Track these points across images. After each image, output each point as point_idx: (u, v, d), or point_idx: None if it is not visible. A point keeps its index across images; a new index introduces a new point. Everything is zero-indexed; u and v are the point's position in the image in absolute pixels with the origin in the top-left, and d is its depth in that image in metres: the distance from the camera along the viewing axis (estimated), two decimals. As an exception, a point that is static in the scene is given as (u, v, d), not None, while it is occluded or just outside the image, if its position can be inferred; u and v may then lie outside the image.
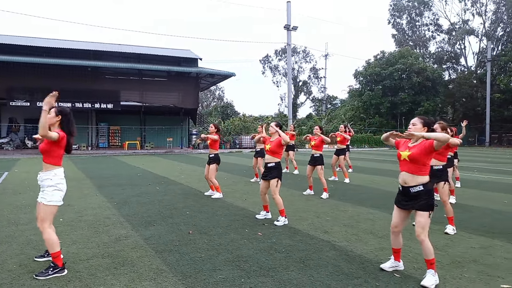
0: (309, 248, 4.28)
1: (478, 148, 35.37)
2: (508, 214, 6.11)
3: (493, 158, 19.99)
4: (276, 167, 5.45)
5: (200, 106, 79.60)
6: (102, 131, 27.46)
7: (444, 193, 5.07)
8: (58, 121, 3.56)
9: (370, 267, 3.71)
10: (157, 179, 10.44)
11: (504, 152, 27.24)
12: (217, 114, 61.34)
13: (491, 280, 3.41)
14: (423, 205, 3.36)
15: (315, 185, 8.14)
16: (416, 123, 3.47)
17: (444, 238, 4.75)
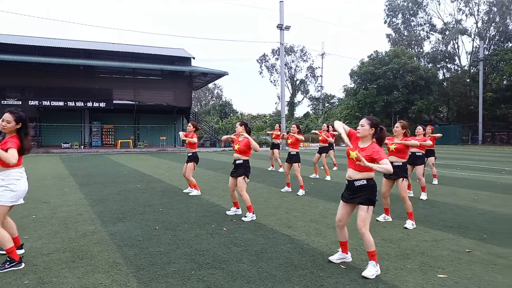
0: (268, 242, 4.43)
1: (471, 146, 35.58)
2: (471, 210, 6.27)
3: (481, 156, 20.18)
4: (244, 164, 5.59)
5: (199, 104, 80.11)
6: (95, 129, 27.55)
7: (403, 189, 5.23)
8: (17, 127, 3.55)
9: (320, 260, 3.86)
10: (141, 177, 10.57)
11: (494, 150, 27.45)
12: (215, 112, 61.55)
13: (430, 271, 3.56)
14: (364, 200, 3.51)
15: (294, 182, 8.29)
16: (364, 124, 3.59)
17: (401, 232, 4.91)
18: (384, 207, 5.54)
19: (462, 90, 41.97)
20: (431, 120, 43.85)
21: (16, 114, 3.56)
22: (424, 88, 39.03)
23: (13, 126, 3.54)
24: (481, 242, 4.50)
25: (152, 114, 27.87)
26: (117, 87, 25.24)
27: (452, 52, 46.10)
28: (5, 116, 3.56)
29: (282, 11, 26.48)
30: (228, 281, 3.31)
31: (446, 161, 16.46)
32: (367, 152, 3.47)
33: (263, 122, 51.05)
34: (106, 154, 20.96)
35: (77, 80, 24.25)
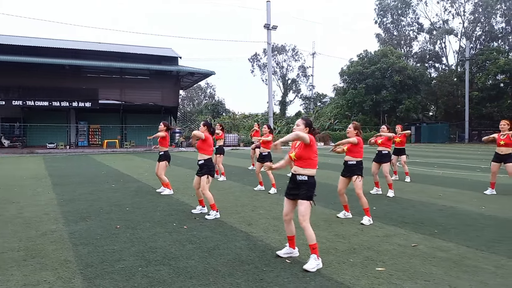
0: (223, 239, 4.54)
1: (457, 144, 36.08)
2: (432, 207, 6.44)
3: (463, 155, 20.50)
4: (206, 164, 5.69)
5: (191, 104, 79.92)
6: (82, 129, 27.42)
7: (357, 186, 5.36)
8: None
9: (269, 255, 3.98)
10: (119, 177, 10.61)
11: (478, 149, 27.87)
12: (208, 112, 61.58)
13: (371, 264, 3.70)
14: (304, 195, 3.65)
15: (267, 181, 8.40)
16: (299, 124, 3.75)
17: (356, 228, 5.05)
18: (343, 204, 5.68)
19: (449, 89, 42.55)
20: (419, 119, 44.41)
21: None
22: (411, 87, 39.48)
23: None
24: (430, 236, 4.66)
25: (140, 114, 27.82)
26: (103, 87, 25.16)
27: (440, 52, 46.68)
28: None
29: (269, 11, 26.60)
30: (172, 276, 3.40)
31: (427, 159, 16.73)
32: (299, 147, 3.66)
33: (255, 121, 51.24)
34: (91, 154, 20.89)
35: (62, 79, 24.13)
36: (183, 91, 79.41)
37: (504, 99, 38.90)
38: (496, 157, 7.56)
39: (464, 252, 4.07)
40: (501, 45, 41.54)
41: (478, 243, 4.39)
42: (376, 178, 7.74)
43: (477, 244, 4.33)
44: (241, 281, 3.30)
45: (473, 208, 6.28)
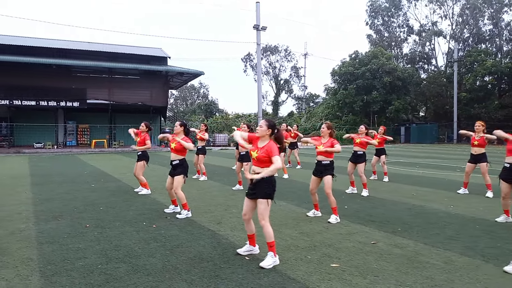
0: (189, 238, 4.61)
1: (445, 145, 36.51)
2: (403, 205, 6.58)
3: (448, 155, 20.79)
4: (181, 164, 5.76)
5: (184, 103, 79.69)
6: (70, 129, 27.26)
7: (328, 185, 5.46)
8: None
9: (230, 253, 4.06)
10: (100, 176, 10.62)
11: (465, 149, 28.25)
12: (201, 112, 61.56)
13: (326, 261, 3.80)
14: (263, 194, 3.74)
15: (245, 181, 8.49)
16: (262, 125, 3.85)
17: (322, 226, 5.16)
18: (314, 203, 5.79)
19: (438, 90, 43.01)
20: (409, 119, 44.86)
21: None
22: (401, 88, 39.84)
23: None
24: (392, 234, 4.78)
25: (129, 113, 27.71)
26: (92, 87, 25.06)
27: (429, 53, 47.17)
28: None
29: (259, 12, 26.69)
30: (129, 274, 3.47)
31: (412, 160, 16.95)
32: (264, 150, 3.72)
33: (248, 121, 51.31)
34: (78, 154, 20.79)
35: (50, 79, 23.97)
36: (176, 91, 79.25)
37: (492, 100, 39.45)
38: (471, 157, 7.73)
39: (420, 249, 4.20)
40: (488, 47, 42.11)
41: (435, 240, 4.52)
42: (352, 178, 7.87)
43: (434, 242, 4.46)
44: (196, 278, 3.38)
45: (441, 207, 6.43)
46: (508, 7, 40.31)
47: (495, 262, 3.76)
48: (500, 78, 40.26)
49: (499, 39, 42.05)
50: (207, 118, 48.69)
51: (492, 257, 3.91)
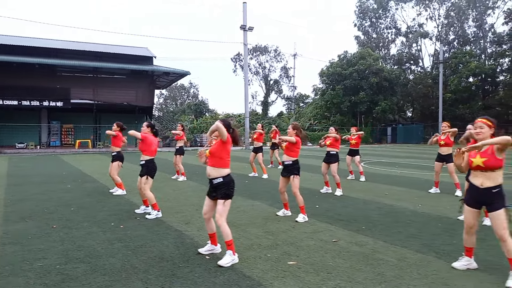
0: (154, 238, 4.65)
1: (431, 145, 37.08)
2: (373, 204, 6.71)
3: (430, 155, 21.11)
4: (147, 164, 5.79)
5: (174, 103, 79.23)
6: (54, 129, 26.93)
7: (294, 185, 5.55)
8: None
9: (192, 252, 4.11)
10: (79, 177, 10.55)
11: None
12: (190, 112, 61.34)
13: (285, 259, 3.88)
14: (221, 194, 3.81)
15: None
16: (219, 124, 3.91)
17: (289, 225, 5.24)
18: (283, 202, 5.87)
19: (425, 91, 43.66)
20: (396, 120, 45.43)
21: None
22: (388, 89, 40.33)
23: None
24: (355, 232, 4.89)
25: (114, 113, 27.42)
26: (76, 86, 24.81)
27: (416, 54, 47.84)
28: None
29: (245, 12, 26.75)
30: (86, 274, 3.50)
31: (393, 160, 17.21)
32: (215, 145, 3.88)
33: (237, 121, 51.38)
34: (61, 155, 20.56)
35: (33, 78, 23.63)
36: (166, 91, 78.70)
37: (476, 101, 40.21)
38: (439, 157, 7.91)
39: (379, 246, 4.31)
40: (473, 49, 42.90)
41: (396, 238, 4.64)
42: (326, 178, 7.98)
43: (394, 239, 4.58)
44: (152, 277, 3.42)
45: (409, 206, 6.58)
46: (492, 10, 41.18)
47: (447, 258, 3.89)
48: (484, 80, 41.11)
49: (483, 41, 42.90)
50: (196, 118, 48.54)
51: (445, 254, 4.04)
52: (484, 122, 3.51)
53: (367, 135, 40.37)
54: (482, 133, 3.48)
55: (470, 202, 3.57)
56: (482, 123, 3.51)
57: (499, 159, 3.35)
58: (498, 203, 3.37)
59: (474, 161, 3.48)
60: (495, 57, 40.67)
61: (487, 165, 3.38)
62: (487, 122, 3.50)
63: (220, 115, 57.97)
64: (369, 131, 40.99)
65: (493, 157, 3.36)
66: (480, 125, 3.50)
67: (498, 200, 3.38)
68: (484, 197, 3.45)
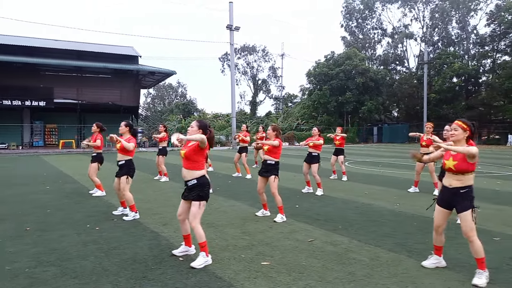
0: (129, 240, 4.60)
1: (415, 144, 37.69)
2: (352, 204, 6.79)
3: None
4: (127, 164, 5.73)
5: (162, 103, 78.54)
6: (37, 129, 26.41)
7: (273, 186, 5.57)
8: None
9: (166, 253, 4.09)
10: (59, 178, 10.38)
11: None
12: (178, 111, 60.90)
13: (259, 259, 3.89)
14: (195, 196, 3.79)
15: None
16: (193, 126, 3.90)
17: (267, 225, 5.26)
18: (262, 203, 5.89)
19: (410, 91, 44.36)
20: (381, 119, 46.02)
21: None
22: (373, 89, 40.80)
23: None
24: (332, 232, 4.94)
25: (99, 113, 27.03)
26: (59, 85, 24.38)
27: (401, 55, 48.53)
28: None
29: (232, 12, 26.71)
30: (55, 277, 3.44)
31: (376, 159, 17.43)
32: (190, 147, 3.84)
33: (226, 121, 51.26)
34: (43, 155, 20.17)
35: (14, 77, 23.11)
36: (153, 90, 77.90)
37: (459, 101, 41.06)
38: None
39: (353, 246, 4.36)
40: (457, 50, 43.76)
41: (370, 237, 4.71)
42: (307, 178, 8.04)
43: (368, 239, 4.64)
44: (123, 280, 3.39)
45: (387, 205, 6.67)
46: (474, 12, 42.06)
47: (417, 257, 3.96)
48: (467, 80, 41.98)
49: (467, 43, 43.79)
50: (184, 118, 48.27)
51: (417, 253, 4.11)
52: (459, 125, 3.54)
53: (354, 134, 40.85)
54: (456, 135, 3.54)
55: (440, 202, 3.64)
56: (457, 125, 3.55)
57: (470, 163, 3.42)
58: (466, 204, 3.44)
59: (447, 163, 3.55)
60: (478, 58, 41.57)
61: (458, 168, 3.45)
62: (462, 125, 3.53)
63: (209, 115, 57.82)
64: (356, 131, 41.45)
65: (464, 161, 3.42)
66: (455, 127, 3.56)
67: (466, 201, 3.45)
68: (452, 198, 3.52)
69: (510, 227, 5.20)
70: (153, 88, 76.97)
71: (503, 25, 36.70)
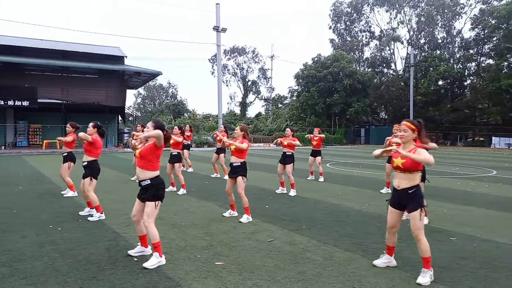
0: (88, 240, 4.58)
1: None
2: (322, 204, 6.85)
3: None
4: (90, 165, 5.70)
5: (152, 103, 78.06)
6: (21, 129, 26.01)
7: (240, 186, 5.59)
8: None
9: (122, 254, 4.07)
10: (35, 178, 10.25)
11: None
12: (168, 112, 60.58)
13: (214, 259, 3.91)
14: (150, 196, 3.79)
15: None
16: (149, 127, 3.91)
17: (231, 226, 5.28)
18: (230, 203, 5.91)
19: (396, 93, 44.87)
20: (369, 121, 46.48)
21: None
22: (361, 91, 41.17)
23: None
24: (294, 232, 4.98)
25: (85, 113, 26.70)
26: (43, 85, 24.02)
27: (389, 57, 49.09)
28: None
29: (218, 13, 26.70)
30: (3, 278, 3.41)
31: (358, 160, 17.59)
32: (146, 147, 3.86)
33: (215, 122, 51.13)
34: (25, 155, 19.88)
35: (-3, 77, 22.75)
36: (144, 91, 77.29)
37: (444, 103, 41.67)
38: (390, 158, 8.14)
39: (311, 246, 4.41)
40: (442, 53, 44.44)
41: (331, 237, 4.76)
42: (281, 178, 8.08)
43: (328, 238, 4.70)
44: (71, 280, 3.38)
45: (356, 206, 6.75)
46: (459, 16, 42.79)
47: (371, 256, 4.02)
48: (452, 83, 42.67)
49: (452, 46, 44.51)
50: (175, 118, 48.07)
51: (371, 252, 4.17)
52: (408, 125, 3.62)
53: (341, 136, 41.17)
54: (405, 136, 3.61)
55: (392, 203, 3.71)
56: (406, 126, 3.62)
57: (417, 162, 3.49)
58: (415, 204, 3.51)
59: (395, 161, 3.62)
60: (463, 61, 42.30)
61: (406, 166, 3.52)
62: (411, 126, 3.61)
63: (199, 116, 57.66)
64: (343, 132, 41.78)
65: (411, 160, 3.49)
66: (404, 128, 3.63)
67: (414, 200, 3.52)
68: (401, 198, 3.59)
69: (469, 228, 5.31)
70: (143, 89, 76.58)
71: (487, 29, 37.41)
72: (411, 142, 3.61)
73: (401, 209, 3.63)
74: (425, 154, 3.45)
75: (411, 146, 3.57)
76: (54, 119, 25.99)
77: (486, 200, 7.48)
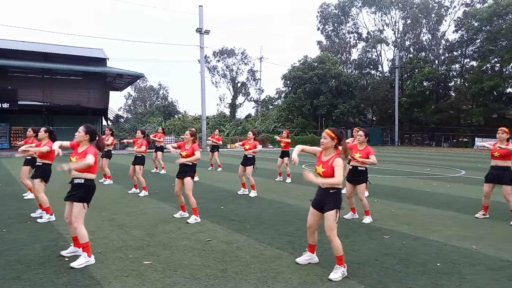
0: (29, 241, 4.64)
1: (388, 147, 38.62)
2: (275, 205, 6.99)
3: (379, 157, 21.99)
4: (42, 167, 5.78)
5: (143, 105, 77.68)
6: (2, 131, 25.80)
7: (188, 187, 5.70)
8: None
9: (55, 255, 4.15)
10: (9, 181, 10.24)
11: (398, 151, 30.08)
12: (159, 113, 60.37)
13: (143, 259, 4.01)
14: (78, 198, 3.89)
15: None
16: (80, 131, 4.03)
17: (176, 227, 5.38)
18: (180, 204, 6.01)
19: (383, 95, 45.36)
20: (355, 122, 46.85)
21: None
22: (347, 92, 41.58)
23: None
24: (235, 232, 5.10)
25: (67, 115, 26.70)
26: (24, 87, 23.91)
27: (376, 59, 49.62)
28: None
29: (202, 16, 26.81)
30: None
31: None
32: (82, 153, 3.97)
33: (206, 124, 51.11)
34: (4, 158, 19.73)
35: (-24, 78, 22.59)
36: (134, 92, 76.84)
37: (429, 104, 42.25)
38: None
39: (246, 244, 4.54)
40: (427, 55, 45.09)
41: (270, 236, 4.90)
42: (242, 180, 8.21)
43: (267, 237, 4.83)
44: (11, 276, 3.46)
45: (307, 206, 6.86)
46: (443, 18, 43.48)
47: (299, 254, 4.16)
48: (437, 84, 43.32)
49: (436, 48, 45.18)
50: (165, 120, 47.96)
51: (301, 250, 4.31)
52: (328, 133, 3.77)
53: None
54: (325, 143, 3.76)
55: (313, 204, 3.86)
56: (326, 134, 3.78)
57: (333, 172, 3.63)
58: (331, 204, 3.66)
59: (317, 168, 3.79)
60: (447, 63, 42.96)
61: (326, 175, 3.68)
62: (330, 134, 3.75)
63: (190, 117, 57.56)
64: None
65: (331, 169, 3.64)
66: (324, 136, 3.79)
67: (332, 201, 3.67)
68: (322, 197, 3.74)
69: (408, 226, 5.49)
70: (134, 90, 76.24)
71: (470, 31, 38.08)
72: (332, 150, 3.75)
73: (321, 211, 3.77)
74: (340, 169, 3.58)
75: (332, 154, 3.73)
76: (35, 121, 25.70)
77: (439, 200, 7.70)
